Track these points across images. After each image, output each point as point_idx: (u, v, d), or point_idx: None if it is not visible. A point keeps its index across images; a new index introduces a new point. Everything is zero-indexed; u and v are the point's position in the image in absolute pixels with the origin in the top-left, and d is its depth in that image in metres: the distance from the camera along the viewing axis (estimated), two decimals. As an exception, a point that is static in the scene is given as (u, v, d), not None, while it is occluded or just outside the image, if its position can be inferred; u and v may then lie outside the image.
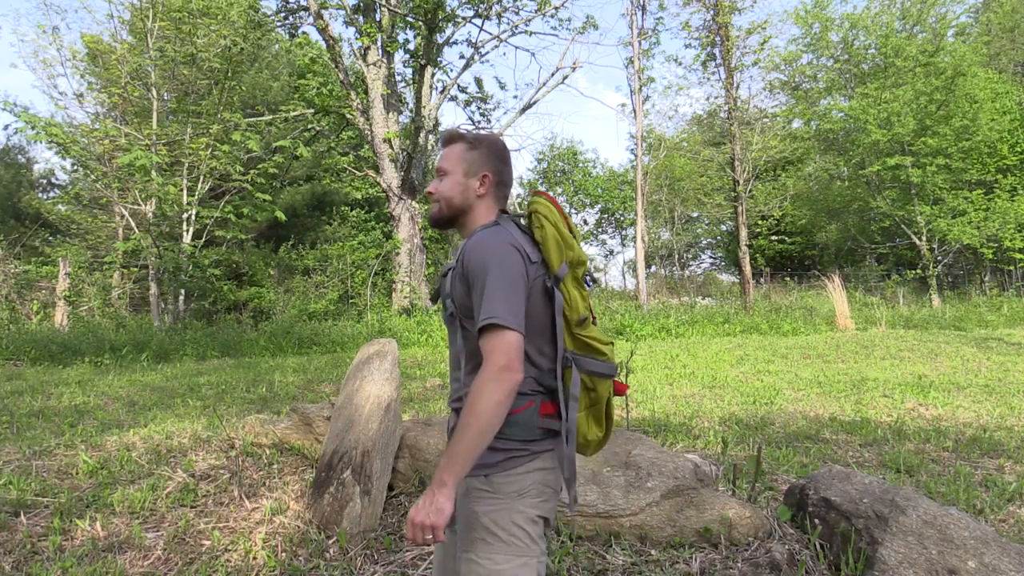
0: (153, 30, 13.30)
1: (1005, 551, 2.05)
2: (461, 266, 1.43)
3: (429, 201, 1.57)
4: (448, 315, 1.47)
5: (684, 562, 2.40)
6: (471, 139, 1.56)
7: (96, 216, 17.71)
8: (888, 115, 16.20)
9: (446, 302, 1.48)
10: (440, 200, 1.53)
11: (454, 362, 1.50)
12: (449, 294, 1.47)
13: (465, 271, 1.41)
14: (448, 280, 1.48)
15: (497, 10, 13.61)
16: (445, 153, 1.56)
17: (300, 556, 2.62)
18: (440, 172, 1.54)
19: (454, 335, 1.49)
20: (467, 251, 1.43)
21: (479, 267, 1.40)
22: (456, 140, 1.56)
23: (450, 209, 1.53)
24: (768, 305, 15.22)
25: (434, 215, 1.55)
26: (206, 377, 7.01)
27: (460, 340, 1.45)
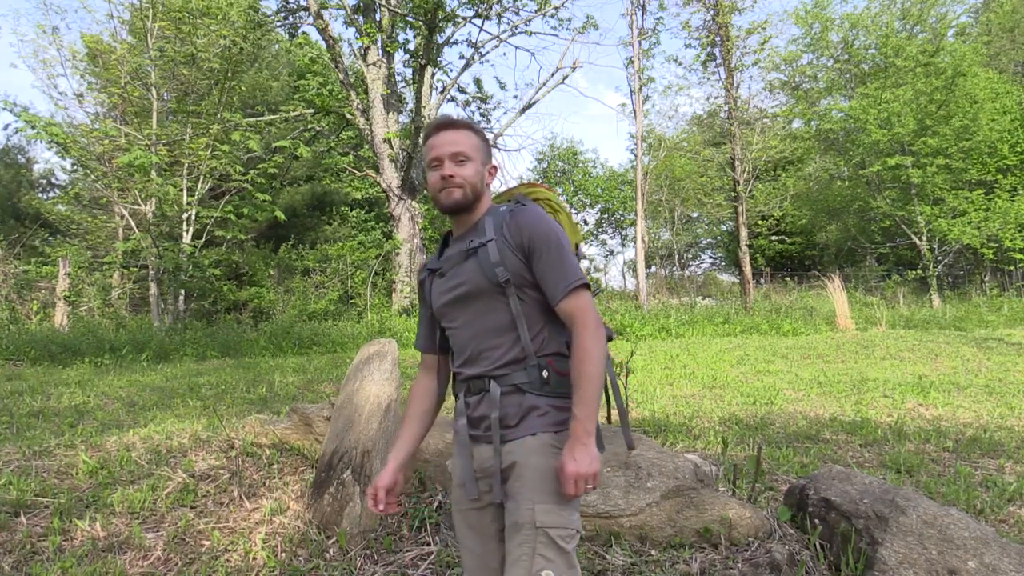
0: (153, 30, 13.30)
1: (1005, 551, 2.05)
2: (512, 237, 1.50)
3: (443, 185, 1.53)
4: (495, 283, 1.48)
5: (684, 562, 2.40)
6: (479, 131, 1.62)
7: (96, 216, 17.70)
8: (888, 115, 16.20)
9: (496, 270, 1.48)
10: (465, 185, 1.54)
11: (489, 332, 1.51)
12: (499, 263, 1.49)
13: (527, 241, 1.49)
14: (490, 251, 1.50)
15: (497, 10, 13.61)
16: (459, 138, 1.55)
17: (300, 556, 2.62)
18: (457, 157, 1.53)
19: (493, 305, 1.51)
20: (524, 222, 1.51)
21: (546, 236, 1.51)
22: (465, 128, 1.58)
23: (473, 195, 1.56)
24: (768, 305, 15.21)
25: (458, 200, 1.54)
26: (206, 377, 7.01)
27: (515, 307, 1.50)
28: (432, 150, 1.56)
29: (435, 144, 1.55)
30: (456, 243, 1.61)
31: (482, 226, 1.56)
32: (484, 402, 1.51)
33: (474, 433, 1.53)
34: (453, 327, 1.58)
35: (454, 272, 1.55)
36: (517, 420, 1.47)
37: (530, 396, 1.48)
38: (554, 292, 1.48)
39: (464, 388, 1.55)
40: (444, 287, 1.58)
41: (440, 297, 1.58)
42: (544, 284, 1.50)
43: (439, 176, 1.54)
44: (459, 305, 1.55)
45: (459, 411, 1.55)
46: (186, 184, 13.27)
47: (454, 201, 1.53)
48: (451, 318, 1.57)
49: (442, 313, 1.60)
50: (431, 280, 1.63)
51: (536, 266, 1.50)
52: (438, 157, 1.54)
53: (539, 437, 1.46)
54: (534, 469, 1.44)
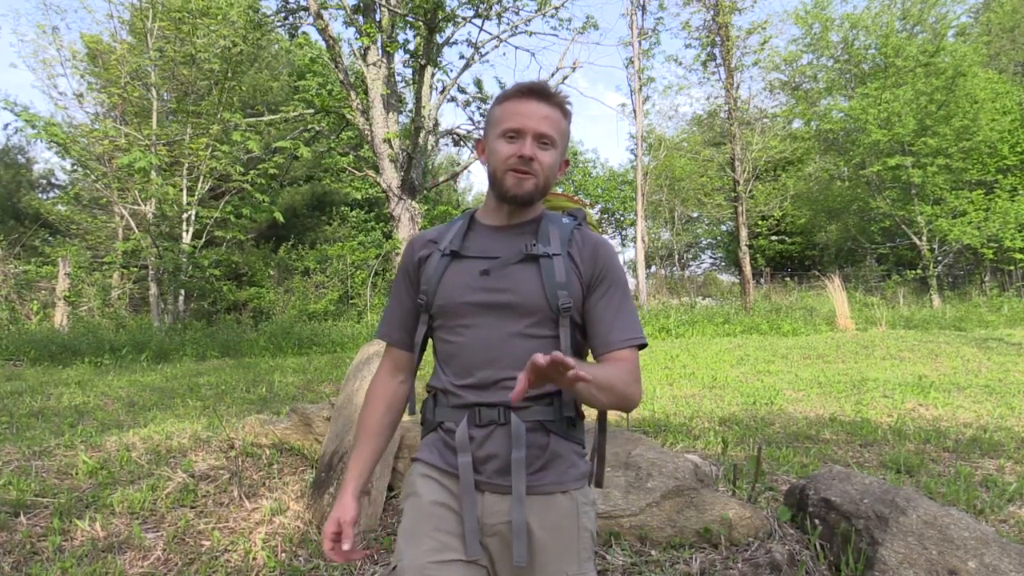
0: (153, 30, 13.30)
1: (1005, 551, 2.05)
2: (583, 261, 1.28)
3: (518, 167, 1.23)
4: (552, 307, 1.23)
5: (684, 562, 2.40)
6: (570, 114, 1.33)
7: (96, 216, 17.71)
8: (888, 115, 16.20)
9: (559, 292, 1.23)
10: (540, 176, 1.25)
11: (522, 358, 1.20)
12: (564, 285, 1.24)
13: (599, 272, 1.28)
14: (556, 267, 1.25)
15: (497, 10, 13.60)
16: (553, 115, 1.26)
17: (300, 556, 2.62)
18: (543, 138, 1.25)
19: (538, 330, 1.24)
20: (603, 251, 1.30)
21: (620, 274, 1.31)
22: (560, 106, 1.29)
23: (544, 191, 1.29)
24: (768, 305, 15.22)
25: (530, 192, 1.25)
26: (206, 377, 7.01)
27: (564, 340, 1.24)
28: (514, 118, 1.24)
29: (522, 112, 1.24)
30: (497, 236, 1.31)
31: (544, 232, 1.29)
32: (497, 438, 1.21)
33: (477, 479, 1.21)
34: (463, 334, 1.26)
35: (502, 273, 1.25)
36: (540, 466, 1.23)
37: (555, 439, 1.24)
38: (610, 338, 1.25)
39: (466, 416, 1.23)
40: (478, 283, 1.25)
41: (464, 292, 1.26)
42: (599, 325, 1.26)
43: (515, 153, 1.23)
44: (492, 313, 1.24)
45: (461, 445, 1.21)
46: (186, 184, 13.27)
47: (525, 192, 1.25)
48: (468, 323, 1.25)
49: (454, 311, 1.26)
50: (444, 264, 1.30)
51: (597, 302, 1.27)
52: (521, 129, 1.24)
53: (572, 497, 1.25)
54: (568, 535, 1.22)
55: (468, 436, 1.22)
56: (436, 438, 1.29)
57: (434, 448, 1.28)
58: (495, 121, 1.29)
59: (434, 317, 1.32)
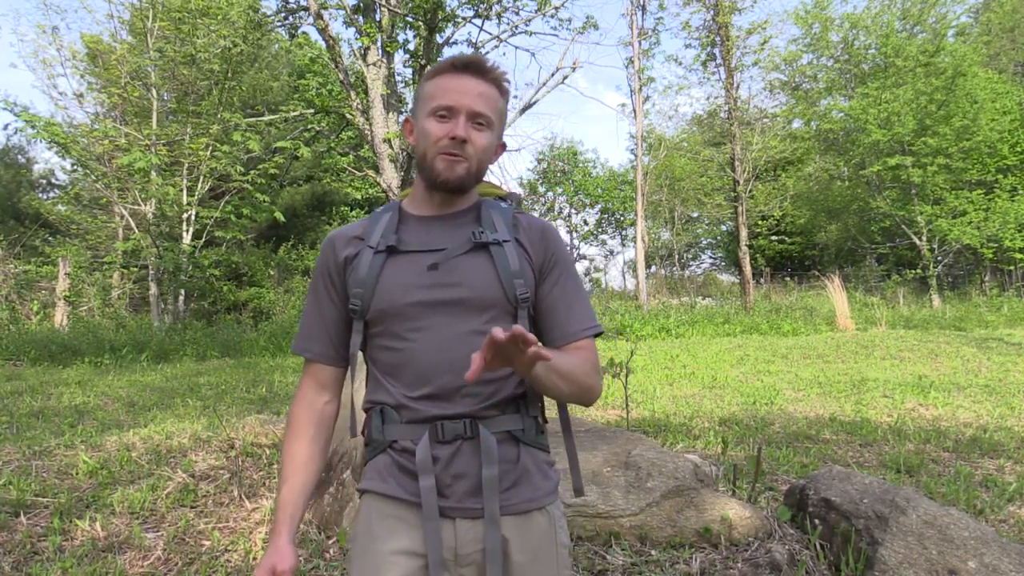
0: (153, 30, 13.30)
1: (1005, 551, 2.05)
2: (532, 246, 1.17)
3: (450, 149, 1.10)
4: (510, 298, 1.11)
5: (684, 562, 2.40)
6: (507, 91, 1.19)
7: (96, 216, 17.71)
8: (888, 115, 16.21)
9: (515, 282, 1.12)
10: (472, 160, 1.12)
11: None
12: (519, 274, 1.12)
13: (550, 258, 1.18)
14: (508, 255, 1.13)
15: (497, 10, 13.60)
16: (488, 93, 1.13)
17: (300, 556, 2.62)
18: (478, 118, 1.11)
19: (496, 325, 1.05)
20: (551, 235, 1.19)
21: (569, 259, 1.20)
22: (496, 83, 1.15)
23: (477, 176, 1.16)
24: (768, 305, 15.22)
25: (461, 177, 1.11)
26: (206, 377, 7.01)
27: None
28: (446, 95, 1.10)
29: (455, 89, 1.10)
30: (435, 226, 1.16)
31: (488, 218, 1.17)
32: (465, 455, 1.06)
33: (444, 504, 1.06)
34: (413, 339, 1.09)
35: (451, 265, 1.11)
36: (512, 482, 1.10)
37: (525, 450, 1.12)
38: (568, 329, 1.16)
39: (426, 432, 1.07)
40: (424, 279, 1.10)
41: (410, 291, 1.10)
42: (554, 315, 1.16)
43: (447, 134, 1.09)
44: (444, 311, 1.10)
45: (422, 467, 1.05)
46: (186, 184, 13.28)
47: (456, 177, 1.11)
48: (418, 325, 1.10)
49: (400, 314, 1.10)
50: (379, 261, 1.13)
51: (550, 290, 1.17)
52: (453, 107, 1.10)
53: (549, 513, 1.13)
54: (547, 556, 1.11)
55: (431, 456, 1.06)
56: (388, 462, 1.11)
57: (387, 475, 1.10)
58: (425, 97, 1.14)
59: (372, 323, 1.14)
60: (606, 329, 12.19)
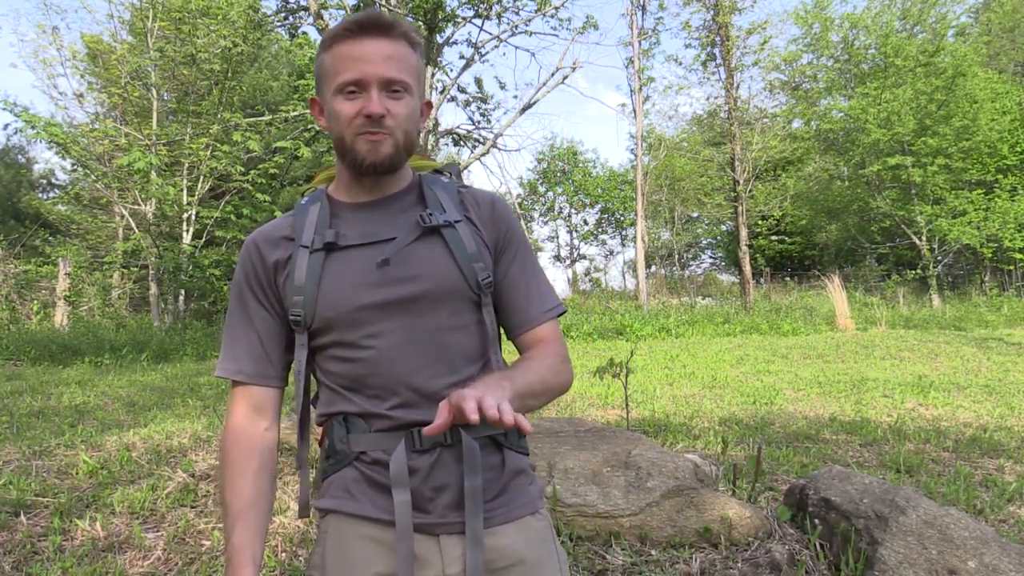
0: (153, 30, 13.30)
1: (1005, 551, 2.05)
2: (484, 224, 1.05)
3: (367, 129, 0.96)
4: (472, 285, 1.00)
5: (684, 562, 2.40)
6: (418, 42, 1.02)
7: (96, 216, 17.72)
8: (888, 115, 16.21)
9: (474, 266, 1.01)
10: (397, 131, 0.97)
11: (452, 357, 0.99)
12: (477, 256, 1.01)
13: (503, 235, 1.06)
14: (463, 237, 1.02)
15: (497, 10, 13.61)
16: (395, 53, 0.97)
17: (300, 556, 2.62)
18: (392, 84, 0.96)
19: (459, 317, 1.00)
20: (500, 209, 1.08)
21: (523, 235, 1.09)
22: (402, 37, 0.99)
23: (408, 146, 1.01)
24: (768, 305, 15.22)
25: (388, 154, 0.97)
26: (206, 377, 7.01)
27: (489, 322, 1.03)
28: (350, 66, 0.95)
29: (357, 57, 0.95)
30: (375, 213, 1.03)
31: (432, 197, 1.05)
32: (446, 464, 0.95)
33: (425, 520, 0.95)
34: (370, 346, 0.97)
35: (403, 257, 0.99)
36: (498, 491, 0.99)
37: (509, 455, 1.01)
38: (529, 313, 1.05)
39: (402, 440, 0.95)
40: (374, 277, 0.98)
41: (360, 292, 0.97)
42: (513, 298, 1.05)
43: (359, 112, 0.95)
44: (402, 311, 0.97)
45: (398, 479, 0.93)
46: (186, 184, 13.28)
47: (383, 157, 0.97)
48: (374, 330, 0.97)
49: (351, 320, 0.97)
50: (317, 262, 0.99)
51: (505, 272, 1.06)
52: (361, 80, 0.95)
53: (542, 517, 1.03)
54: (549, 567, 1.00)
55: (407, 467, 0.94)
56: (355, 476, 0.98)
57: (356, 492, 0.97)
58: (327, 73, 0.98)
59: (318, 334, 1.00)
60: (606, 329, 12.19)
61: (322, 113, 1.04)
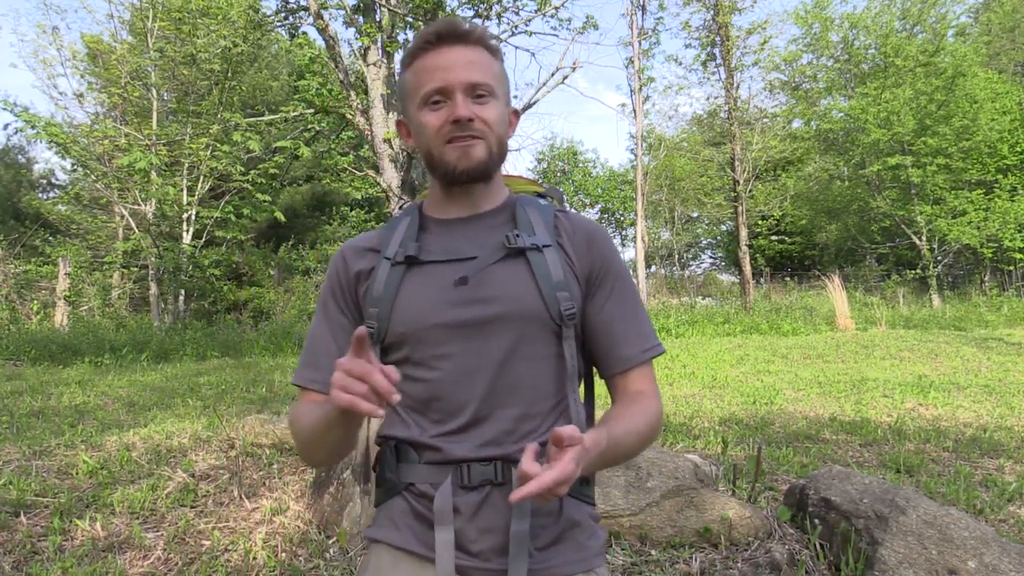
0: (153, 30, 13.31)
1: (1005, 551, 2.05)
2: (577, 253, 0.99)
3: (457, 134, 0.92)
4: (553, 316, 0.94)
5: (684, 562, 2.40)
6: (499, 51, 1.00)
7: (96, 216, 17.72)
8: (888, 115, 16.21)
9: (558, 295, 0.94)
10: (489, 134, 0.94)
11: (522, 389, 0.93)
12: (563, 285, 0.94)
13: (599, 267, 1.00)
14: (550, 263, 0.95)
15: (497, 10, 13.61)
16: (477, 59, 0.94)
17: (300, 556, 2.62)
18: (476, 89, 0.93)
19: (536, 348, 0.94)
20: (599, 238, 1.01)
21: (624, 269, 1.03)
22: (483, 44, 0.97)
23: (499, 153, 0.97)
24: (768, 305, 15.22)
25: (483, 160, 0.94)
26: (206, 377, 7.01)
27: (570, 357, 0.96)
28: (432, 76, 0.93)
29: (439, 66, 0.93)
30: (462, 230, 0.99)
31: (524, 218, 0.99)
32: (494, 505, 0.89)
33: (467, 563, 0.89)
34: (438, 367, 0.93)
35: (483, 277, 0.94)
36: (551, 540, 0.92)
37: (569, 502, 0.94)
38: (625, 352, 0.98)
39: (449, 475, 0.91)
40: (452, 295, 0.94)
41: (436, 310, 0.93)
42: (608, 336, 0.98)
43: (447, 118, 0.92)
44: (476, 334, 0.93)
45: (441, 516, 0.89)
46: (186, 184, 13.29)
47: (476, 162, 0.93)
48: (444, 351, 0.93)
49: (424, 338, 0.94)
50: (397, 276, 0.97)
51: (602, 306, 0.99)
52: (445, 87, 0.92)
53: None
54: None
55: (452, 504, 0.89)
56: (403, 507, 0.95)
57: (402, 523, 0.94)
58: (410, 89, 0.97)
59: (390, 350, 0.97)
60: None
61: (410, 134, 1.03)
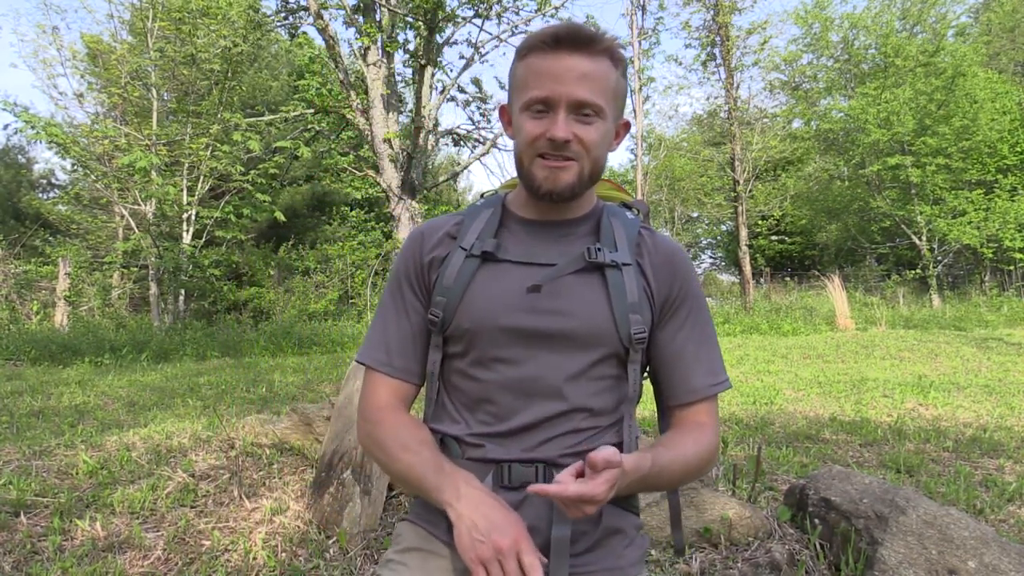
0: (153, 30, 13.32)
1: (1005, 551, 2.05)
2: (656, 276, 0.96)
3: (550, 151, 0.89)
4: (623, 338, 0.92)
5: (684, 562, 2.40)
6: (621, 59, 0.94)
7: (96, 216, 17.72)
8: (888, 115, 16.21)
9: (631, 318, 0.92)
10: (584, 159, 0.91)
11: (580, 405, 0.92)
12: (637, 308, 0.92)
13: (677, 292, 0.97)
14: (626, 283, 0.93)
15: (497, 10, 13.60)
16: (590, 74, 0.88)
17: (300, 556, 2.62)
18: (583, 107, 0.88)
19: (601, 367, 0.93)
20: (680, 262, 0.98)
21: (697, 293, 0.99)
22: (606, 54, 0.91)
23: (593, 175, 0.94)
24: (768, 305, 15.22)
25: (569, 184, 0.91)
26: (206, 377, 7.01)
27: (633, 380, 0.95)
28: (540, 82, 0.89)
29: (550, 73, 0.88)
30: (543, 234, 0.97)
31: (608, 231, 0.97)
32: (533, 506, 0.90)
33: None
34: (497, 371, 0.92)
35: (556, 288, 0.92)
36: (589, 545, 0.92)
37: (609, 509, 0.95)
38: (693, 384, 0.96)
39: (490, 474, 0.92)
40: (523, 301, 0.92)
41: (504, 312, 0.92)
42: (677, 366, 0.96)
43: (543, 134, 0.89)
44: (540, 344, 0.91)
45: None
46: (186, 184, 13.29)
47: (564, 187, 0.91)
48: (505, 355, 0.92)
49: (487, 338, 0.92)
50: (470, 268, 0.94)
51: (675, 334, 0.97)
52: (550, 99, 0.88)
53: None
54: None
55: None
56: None
57: (438, 514, 0.92)
58: (518, 84, 0.93)
59: (450, 341, 0.96)
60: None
61: (509, 123, 1.00)
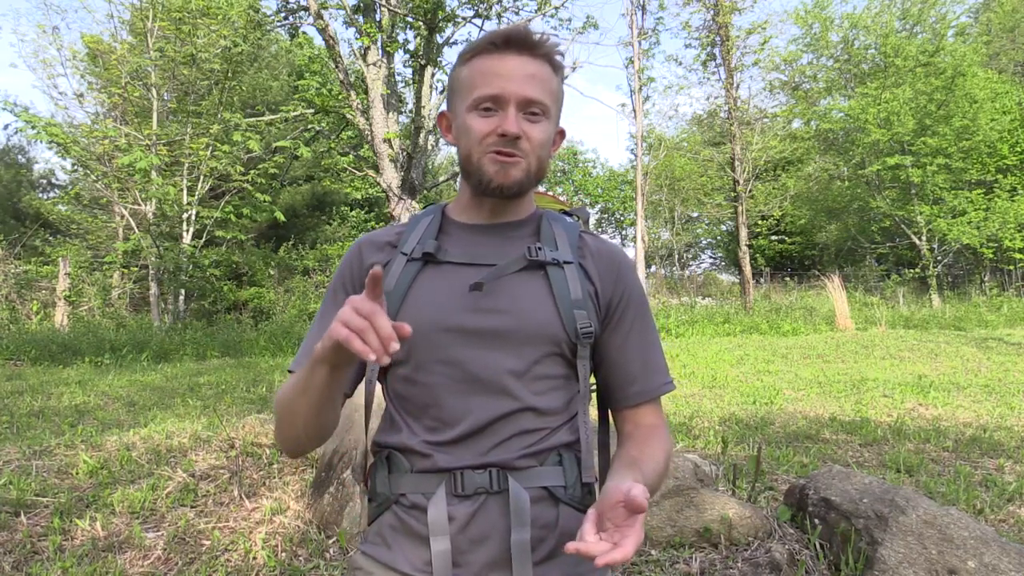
0: (153, 30, 13.32)
1: (1005, 551, 2.05)
2: (600, 276, 0.96)
3: (499, 148, 0.90)
4: (568, 335, 0.91)
5: (684, 562, 2.40)
6: (560, 62, 0.95)
7: (96, 216, 17.72)
8: (888, 115, 16.22)
9: (575, 314, 0.91)
10: (530, 156, 0.91)
11: (529, 405, 0.89)
12: (581, 304, 0.92)
13: (621, 295, 0.97)
14: (569, 281, 0.93)
15: (497, 10, 13.60)
16: (536, 74, 0.90)
17: (300, 556, 2.62)
18: (531, 106, 0.90)
19: (547, 366, 0.91)
20: (624, 265, 0.99)
21: (641, 295, 0.99)
22: (548, 57, 0.93)
23: (539, 173, 0.94)
24: (768, 305, 15.22)
25: (517, 179, 0.91)
26: (206, 377, 7.01)
27: (583, 379, 0.94)
28: (489, 82, 0.90)
29: (498, 72, 0.89)
30: (483, 236, 0.97)
31: (548, 232, 0.97)
32: (488, 514, 0.86)
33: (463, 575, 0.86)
34: (440, 373, 0.90)
35: (499, 286, 0.91)
36: (548, 552, 0.88)
37: (567, 512, 0.90)
38: (642, 386, 0.96)
39: (443, 484, 0.87)
40: (465, 301, 0.90)
41: (446, 313, 0.90)
42: (623, 368, 0.96)
43: (494, 130, 0.89)
44: (484, 343, 0.89)
45: (436, 526, 0.86)
46: (186, 184, 13.29)
47: (512, 181, 0.90)
48: (449, 357, 0.90)
49: (430, 341, 0.90)
50: (411, 272, 0.93)
51: (623, 339, 0.96)
52: (499, 96, 0.89)
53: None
54: None
55: (447, 513, 0.86)
56: (391, 523, 0.90)
57: (392, 541, 0.89)
58: (463, 86, 0.93)
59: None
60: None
61: (449, 129, 0.99)
